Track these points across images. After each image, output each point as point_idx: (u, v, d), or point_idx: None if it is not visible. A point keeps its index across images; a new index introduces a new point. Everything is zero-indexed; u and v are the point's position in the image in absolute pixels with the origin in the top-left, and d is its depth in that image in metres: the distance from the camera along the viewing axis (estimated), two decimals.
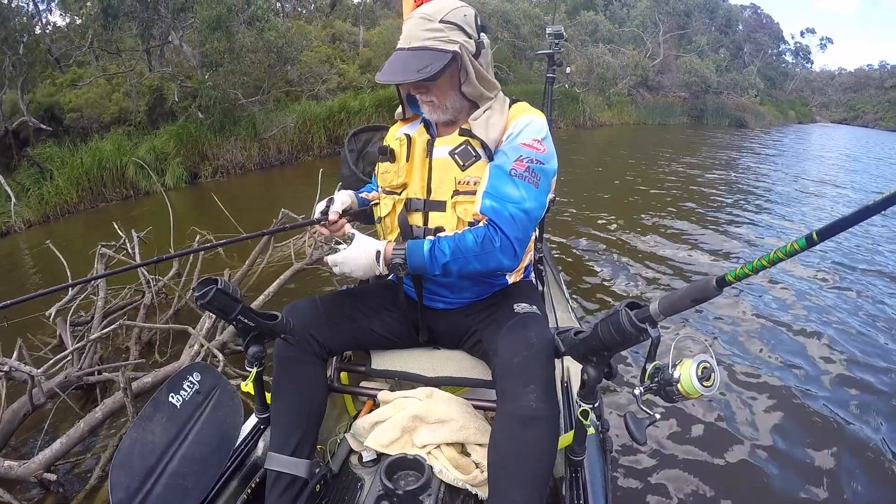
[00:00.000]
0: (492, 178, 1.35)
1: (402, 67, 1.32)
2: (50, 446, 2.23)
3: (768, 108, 31.87)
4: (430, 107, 1.44)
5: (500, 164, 1.36)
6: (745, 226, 6.60)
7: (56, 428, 2.59)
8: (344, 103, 12.00)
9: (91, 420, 2.37)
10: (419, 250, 1.32)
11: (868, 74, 48.84)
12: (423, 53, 1.32)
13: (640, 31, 26.09)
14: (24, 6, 10.24)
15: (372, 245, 1.36)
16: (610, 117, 21.41)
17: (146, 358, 3.06)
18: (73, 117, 9.49)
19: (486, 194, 1.34)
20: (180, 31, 9.80)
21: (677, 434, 2.56)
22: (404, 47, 1.35)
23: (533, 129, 1.39)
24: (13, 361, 2.43)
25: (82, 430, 2.33)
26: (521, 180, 1.33)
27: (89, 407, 2.65)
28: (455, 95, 1.42)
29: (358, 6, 19.08)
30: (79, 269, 3.62)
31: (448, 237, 1.33)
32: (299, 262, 3.89)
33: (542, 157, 1.37)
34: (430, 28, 1.33)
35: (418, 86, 1.40)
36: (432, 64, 1.29)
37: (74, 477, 2.35)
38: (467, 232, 1.33)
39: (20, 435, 2.55)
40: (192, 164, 9.56)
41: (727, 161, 12.86)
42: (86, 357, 2.80)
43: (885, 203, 0.61)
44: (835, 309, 4.08)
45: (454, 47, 1.32)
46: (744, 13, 40.45)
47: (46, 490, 2.26)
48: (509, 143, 1.38)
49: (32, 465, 2.16)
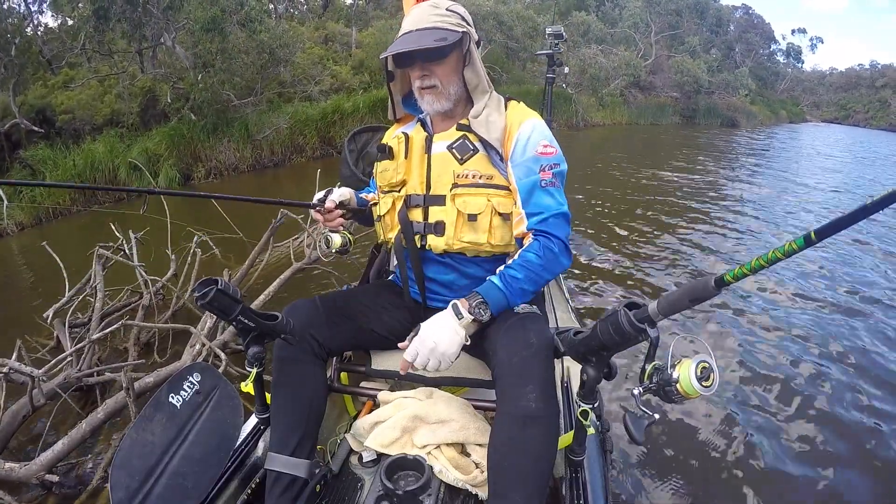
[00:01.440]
0: (528, 195, 1.40)
1: (417, 39, 1.37)
2: (51, 447, 2.23)
3: (760, 107, 32.01)
4: (433, 94, 1.46)
5: (529, 179, 1.40)
6: (744, 225, 6.65)
7: (55, 430, 2.58)
8: (338, 105, 11.97)
9: (93, 420, 2.37)
10: (494, 289, 1.32)
11: (859, 74, 49.18)
12: (434, 31, 1.38)
13: (632, 32, 26.15)
14: (16, 7, 10.18)
15: (443, 315, 1.31)
16: (603, 117, 21.48)
17: (145, 359, 3.07)
18: (65, 119, 9.44)
19: (528, 214, 1.40)
20: (173, 32, 9.76)
21: (677, 434, 2.58)
22: (412, 29, 1.40)
23: (539, 132, 1.45)
24: (13, 362, 2.42)
25: (84, 431, 2.32)
26: (551, 187, 1.41)
27: (89, 408, 2.65)
28: (458, 81, 1.47)
29: (350, 7, 19.05)
30: (74, 270, 3.60)
31: (512, 263, 1.36)
32: (298, 262, 3.91)
33: (557, 160, 1.44)
34: (438, 13, 1.41)
35: (424, 69, 1.43)
36: (447, 37, 1.37)
37: (76, 478, 2.35)
38: (524, 251, 1.37)
39: (18, 437, 2.54)
40: (185, 165, 9.51)
41: (721, 161, 12.94)
42: (85, 358, 2.80)
43: (882, 203, 0.61)
44: (836, 308, 4.11)
45: (462, 29, 1.41)
46: (735, 13, 40.65)
47: (48, 491, 2.25)
48: (525, 154, 1.42)
49: (34, 467, 2.16)
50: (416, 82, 1.47)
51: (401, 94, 1.65)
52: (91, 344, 2.81)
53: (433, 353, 1.26)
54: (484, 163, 1.44)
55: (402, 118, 1.69)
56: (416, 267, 1.53)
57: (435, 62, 1.42)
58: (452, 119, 1.52)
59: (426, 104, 1.49)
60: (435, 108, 1.48)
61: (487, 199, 1.43)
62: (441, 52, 1.41)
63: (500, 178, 1.44)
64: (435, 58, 1.42)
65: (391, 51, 1.39)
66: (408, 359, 1.29)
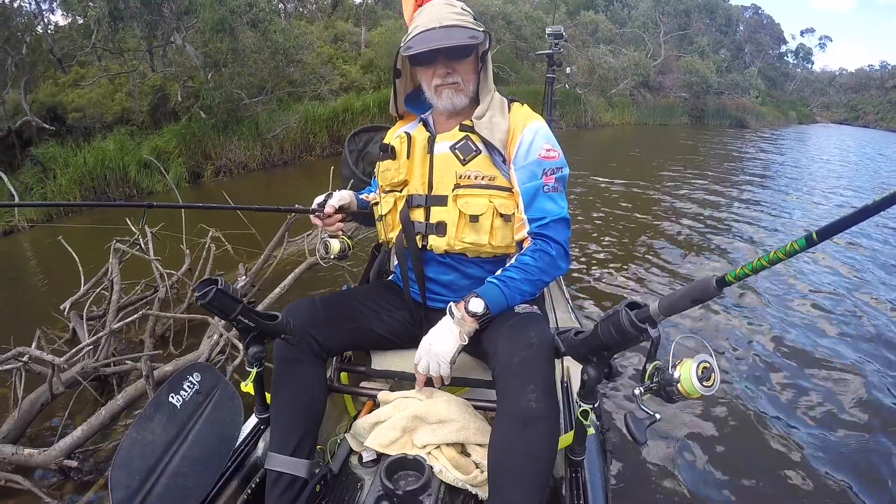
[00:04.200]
0: (530, 200, 1.41)
1: (445, 36, 1.36)
2: (71, 434, 2.27)
3: (769, 108, 31.85)
4: (454, 90, 1.45)
5: (532, 184, 1.41)
6: (745, 226, 6.59)
7: (71, 419, 2.61)
8: (348, 104, 12.01)
9: (112, 408, 2.43)
10: (493, 291, 1.33)
11: (869, 75, 48.84)
12: (462, 29, 1.38)
13: (642, 32, 26.06)
14: (26, 6, 10.27)
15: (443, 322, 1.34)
16: (611, 118, 21.43)
17: (161, 350, 3.14)
18: (75, 117, 9.50)
19: (530, 219, 1.41)
20: (183, 31, 9.81)
21: (677, 434, 2.56)
22: (435, 26, 1.39)
23: (542, 136, 1.45)
24: (33, 350, 2.48)
25: (103, 418, 2.38)
26: (554, 193, 1.42)
27: (105, 398, 2.71)
28: (475, 80, 1.48)
29: (359, 6, 19.07)
30: (87, 265, 3.67)
31: (509, 266, 1.38)
32: (312, 258, 3.94)
33: (559, 164, 1.45)
34: (456, 11, 1.42)
35: (448, 66, 1.43)
36: (477, 36, 1.38)
37: (93, 465, 2.39)
38: (523, 254, 1.39)
39: (35, 426, 2.59)
40: (195, 163, 9.58)
41: (727, 162, 12.86)
42: (102, 349, 2.86)
43: (883, 204, 0.61)
44: (838, 308, 4.07)
45: (483, 28, 1.43)
46: (744, 14, 40.46)
47: (66, 477, 2.30)
48: (528, 157, 1.42)
49: (53, 452, 2.20)
50: (436, 79, 1.45)
51: (405, 93, 1.65)
52: (109, 334, 2.87)
53: (429, 354, 1.31)
54: (486, 164, 1.44)
55: (404, 117, 1.69)
56: (416, 267, 1.52)
57: (458, 60, 1.42)
58: (456, 119, 1.52)
59: (444, 99, 1.47)
60: (454, 102, 1.47)
61: (489, 201, 1.43)
62: (467, 49, 1.41)
63: (503, 180, 1.44)
64: (460, 55, 1.42)
65: (420, 47, 1.36)
66: (415, 363, 1.36)
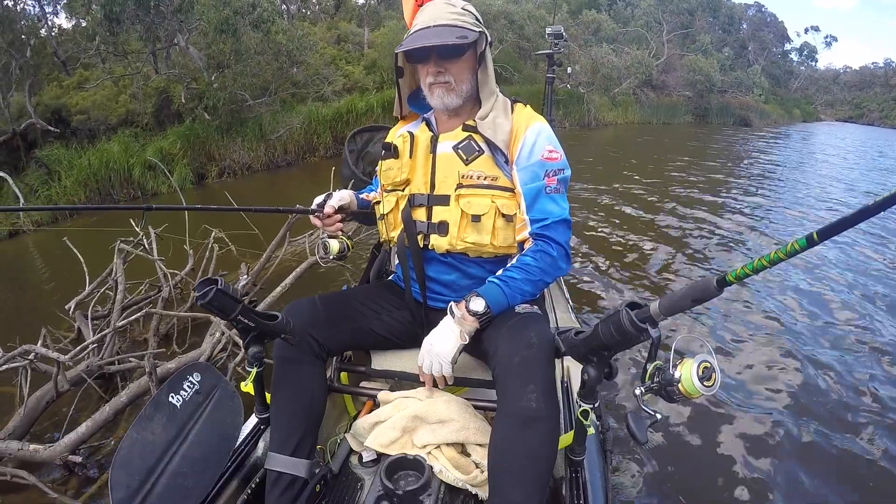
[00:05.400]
0: (532, 201, 1.41)
1: (436, 35, 1.36)
2: (75, 430, 2.30)
3: (773, 106, 31.72)
4: (445, 89, 1.45)
5: (534, 185, 1.41)
6: (746, 226, 6.57)
7: (76, 417, 2.63)
8: (351, 104, 12.01)
9: (116, 404, 2.45)
10: (494, 290, 1.34)
11: (873, 73, 48.66)
12: (453, 29, 1.38)
13: (644, 31, 25.99)
14: (30, 9, 10.31)
15: (444, 322, 1.36)
16: (615, 117, 21.39)
17: (164, 348, 3.16)
18: (80, 119, 9.53)
19: (532, 220, 1.41)
20: (186, 33, 9.84)
21: (678, 434, 2.55)
22: (430, 25, 1.39)
23: (545, 137, 1.45)
24: (39, 348, 2.51)
25: (107, 414, 2.40)
26: (556, 194, 1.43)
27: (110, 395, 2.73)
28: (470, 80, 1.47)
29: (362, 7, 19.09)
30: (91, 266, 3.69)
31: (510, 266, 1.39)
32: (313, 257, 3.96)
33: (561, 165, 1.46)
34: (454, 11, 1.41)
35: (439, 65, 1.42)
36: (467, 36, 1.37)
37: (96, 461, 2.41)
38: (524, 255, 1.40)
39: (40, 423, 2.61)
40: (199, 165, 9.61)
41: (729, 161, 12.83)
42: (107, 347, 2.89)
43: (884, 204, 0.61)
44: (840, 308, 4.05)
45: (479, 29, 1.42)
46: (748, 11, 40.28)
47: (70, 472, 2.32)
48: (531, 158, 1.42)
49: (58, 448, 2.22)
50: (429, 78, 1.45)
51: (408, 92, 1.65)
52: (113, 333, 2.90)
53: (430, 354, 1.32)
54: (489, 164, 1.44)
55: (407, 116, 1.69)
56: (417, 266, 1.52)
57: (450, 59, 1.42)
58: (458, 119, 1.52)
59: (435, 98, 1.47)
60: (445, 102, 1.47)
61: (492, 201, 1.43)
62: (459, 49, 1.40)
63: (505, 180, 1.44)
64: (451, 55, 1.41)
65: (410, 45, 1.38)
66: (419, 364, 1.37)
